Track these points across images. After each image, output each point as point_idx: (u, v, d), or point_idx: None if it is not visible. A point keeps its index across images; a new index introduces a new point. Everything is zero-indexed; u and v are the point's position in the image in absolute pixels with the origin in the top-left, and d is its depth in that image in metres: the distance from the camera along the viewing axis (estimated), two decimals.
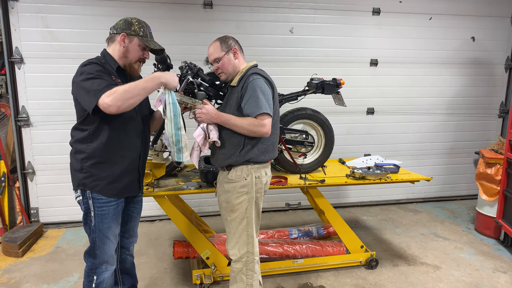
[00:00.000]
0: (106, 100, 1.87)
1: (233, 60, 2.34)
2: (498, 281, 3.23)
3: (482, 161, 4.08)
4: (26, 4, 3.86)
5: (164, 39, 4.15)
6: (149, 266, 3.44)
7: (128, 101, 1.92)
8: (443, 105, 5.07)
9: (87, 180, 2.09)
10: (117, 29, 2.15)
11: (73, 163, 2.15)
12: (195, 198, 4.52)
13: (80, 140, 2.09)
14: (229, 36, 2.39)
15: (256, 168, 2.33)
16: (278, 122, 2.43)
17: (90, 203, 2.11)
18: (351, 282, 3.18)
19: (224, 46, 2.32)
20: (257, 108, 2.18)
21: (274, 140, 2.40)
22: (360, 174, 3.14)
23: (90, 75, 1.96)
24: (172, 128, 2.17)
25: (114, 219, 2.19)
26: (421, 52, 4.84)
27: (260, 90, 2.21)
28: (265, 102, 2.20)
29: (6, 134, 4.13)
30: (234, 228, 2.37)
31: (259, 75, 2.27)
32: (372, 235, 4.12)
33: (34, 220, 4.26)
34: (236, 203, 2.33)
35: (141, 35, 2.15)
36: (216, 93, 2.74)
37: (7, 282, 3.16)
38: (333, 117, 3.78)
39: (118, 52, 2.14)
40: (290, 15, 4.44)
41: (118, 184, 2.16)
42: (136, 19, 2.17)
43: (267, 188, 2.44)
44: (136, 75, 2.25)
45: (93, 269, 2.19)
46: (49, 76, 4.00)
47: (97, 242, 2.15)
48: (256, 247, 2.41)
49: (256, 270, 2.42)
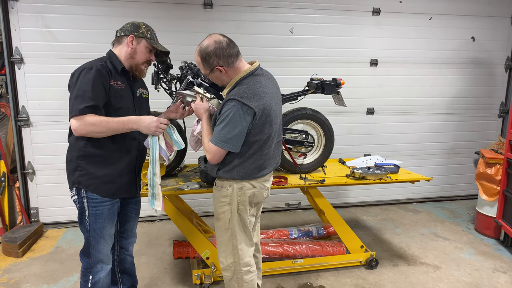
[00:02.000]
0: (73, 123, 2.00)
1: (221, 76, 2.14)
2: (498, 281, 3.23)
3: (482, 161, 4.08)
4: (26, 4, 3.86)
5: (164, 39, 4.14)
6: (149, 266, 3.44)
7: (92, 133, 2.03)
8: (443, 105, 5.07)
9: (82, 178, 2.11)
10: (125, 31, 2.19)
11: (69, 160, 2.16)
12: (195, 198, 4.52)
13: (78, 137, 2.09)
14: (211, 52, 2.06)
15: (239, 180, 2.17)
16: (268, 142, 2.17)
17: (85, 202, 2.13)
18: (351, 282, 3.18)
19: (206, 65, 2.11)
20: (213, 137, 2.06)
21: (261, 162, 2.18)
22: (360, 174, 3.14)
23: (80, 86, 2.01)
24: (150, 172, 2.25)
25: (109, 219, 2.19)
26: (421, 52, 4.84)
27: (226, 120, 2.00)
28: (224, 135, 2.00)
29: (6, 134, 4.13)
30: (220, 236, 2.30)
31: (236, 100, 2.00)
32: (372, 235, 4.12)
33: (34, 220, 4.26)
34: (219, 212, 2.25)
35: (148, 37, 2.22)
36: (216, 93, 2.73)
37: (7, 282, 3.16)
38: (333, 117, 3.78)
39: (125, 53, 2.19)
40: (290, 15, 4.44)
41: (114, 185, 2.18)
42: (143, 23, 2.24)
43: (258, 200, 2.27)
44: (143, 76, 2.32)
45: (89, 269, 2.20)
46: (49, 76, 4.00)
47: (92, 241, 2.17)
48: (246, 257, 2.28)
49: (247, 279, 2.31)
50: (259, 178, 2.23)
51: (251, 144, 2.12)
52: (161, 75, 2.66)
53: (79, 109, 1.97)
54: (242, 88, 2.06)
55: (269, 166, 2.26)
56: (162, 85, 2.72)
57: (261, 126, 2.10)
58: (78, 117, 1.98)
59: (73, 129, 2.01)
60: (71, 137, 2.16)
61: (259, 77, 2.15)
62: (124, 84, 2.18)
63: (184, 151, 3.07)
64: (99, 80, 2.03)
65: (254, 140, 2.11)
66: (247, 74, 2.12)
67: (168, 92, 2.75)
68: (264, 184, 2.27)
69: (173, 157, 3.06)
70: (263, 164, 2.20)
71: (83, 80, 2.01)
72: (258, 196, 2.26)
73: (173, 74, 2.72)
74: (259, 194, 2.25)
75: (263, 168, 2.22)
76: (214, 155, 2.09)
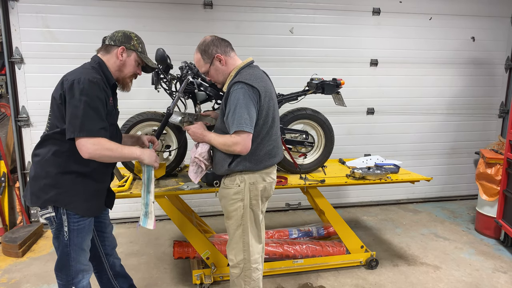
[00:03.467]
0: (88, 145, 1.85)
1: (221, 67, 2.22)
2: (498, 281, 3.23)
3: (482, 161, 4.08)
4: (26, 4, 3.86)
5: (164, 39, 4.19)
6: (149, 266, 3.44)
7: (104, 158, 1.93)
8: (443, 105, 5.07)
9: (62, 196, 1.95)
10: (115, 41, 2.06)
11: (42, 176, 1.95)
12: (195, 198, 4.52)
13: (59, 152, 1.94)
14: (209, 42, 2.20)
15: (250, 175, 2.22)
16: (274, 128, 2.27)
17: (64, 218, 1.98)
18: (351, 282, 3.18)
19: (206, 57, 2.20)
20: (233, 125, 2.07)
21: (270, 148, 2.26)
22: (360, 174, 3.14)
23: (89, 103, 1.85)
24: (144, 191, 2.24)
25: (89, 231, 2.11)
26: (421, 52, 4.84)
27: (239, 103, 2.05)
28: (242, 117, 2.04)
29: (6, 134, 4.13)
30: (231, 234, 2.33)
31: (242, 83, 2.09)
32: (372, 235, 4.12)
33: (34, 220, 4.26)
34: (230, 210, 2.27)
35: (139, 51, 2.11)
36: (216, 93, 2.74)
37: (7, 282, 3.16)
38: (333, 117, 3.78)
39: (113, 64, 2.07)
40: (290, 15, 4.44)
41: (94, 203, 2.09)
42: (134, 33, 2.13)
43: (268, 194, 2.34)
44: (127, 90, 2.20)
45: (70, 281, 2.08)
46: (49, 76, 4.00)
47: (72, 254, 2.04)
48: (255, 254, 2.32)
49: (254, 277, 2.35)
50: (269, 169, 2.29)
51: (261, 127, 2.18)
52: (161, 75, 2.66)
53: (95, 130, 1.85)
54: (244, 74, 2.16)
55: (277, 155, 2.33)
56: (162, 85, 2.72)
57: (267, 108, 2.18)
58: (93, 139, 1.86)
59: (84, 151, 1.85)
60: (43, 149, 1.97)
61: (256, 68, 2.28)
62: (111, 97, 2.05)
63: (184, 151, 3.07)
64: (103, 96, 1.92)
65: (262, 123, 2.17)
66: (244, 66, 2.24)
67: (168, 92, 2.75)
68: (272, 177, 2.34)
69: (173, 157, 3.06)
70: (272, 150, 2.27)
71: (89, 93, 1.86)
72: (269, 190, 2.32)
73: (173, 74, 2.72)
74: (269, 188, 2.32)
75: (273, 155, 2.29)
76: (245, 142, 2.09)
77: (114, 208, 2.38)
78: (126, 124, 2.87)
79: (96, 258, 2.36)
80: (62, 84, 1.91)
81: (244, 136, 2.07)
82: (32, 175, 2.00)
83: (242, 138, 2.07)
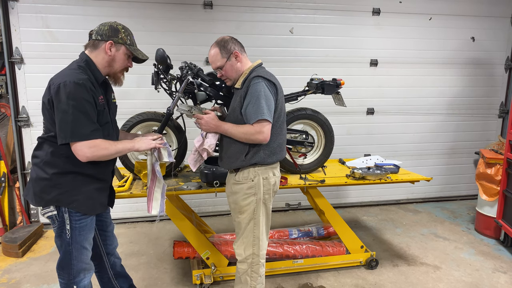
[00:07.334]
0: (83, 149, 1.86)
1: (236, 64, 2.29)
2: (498, 281, 3.23)
3: (482, 161, 4.08)
4: (26, 4, 3.86)
5: (164, 39, 4.19)
6: (149, 266, 3.44)
7: (102, 157, 1.94)
8: (443, 105, 5.07)
9: (63, 196, 1.96)
10: (102, 35, 2.00)
11: (42, 177, 1.96)
12: (195, 198, 4.52)
13: (57, 154, 1.94)
14: (228, 39, 2.29)
15: (263, 169, 2.30)
16: (284, 123, 2.38)
17: (66, 216, 1.99)
18: (351, 282, 3.18)
19: (224, 52, 2.26)
20: (255, 114, 2.14)
21: (281, 141, 2.36)
22: (360, 174, 3.14)
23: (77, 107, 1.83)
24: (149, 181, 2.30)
25: (91, 229, 2.11)
26: (421, 52, 4.84)
27: (260, 95, 2.14)
28: (264, 107, 2.14)
29: (6, 134, 4.13)
30: (242, 229, 2.36)
31: (261, 77, 2.19)
32: (372, 235, 4.12)
33: (34, 221, 4.26)
34: (243, 205, 2.32)
35: (128, 43, 2.05)
36: (216, 93, 2.74)
37: (7, 282, 3.16)
38: (333, 117, 3.78)
39: (102, 60, 2.02)
40: (290, 15, 4.44)
41: (95, 201, 2.08)
42: (121, 25, 2.07)
43: (276, 189, 2.41)
44: (119, 85, 2.16)
45: (71, 280, 2.09)
46: (49, 76, 3.85)
47: (74, 253, 2.04)
48: (263, 249, 2.38)
49: (261, 273, 2.39)
50: (276, 164, 2.37)
51: (276, 120, 2.27)
52: (161, 75, 2.66)
53: (87, 133, 1.86)
54: (259, 71, 2.26)
55: (284, 150, 2.42)
56: (162, 85, 2.72)
57: (281, 103, 2.30)
58: (88, 142, 1.86)
59: (82, 155, 1.87)
60: (41, 151, 1.98)
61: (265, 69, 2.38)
62: (102, 95, 2.02)
63: (184, 151, 3.07)
64: (91, 97, 1.89)
65: (277, 116, 2.27)
66: (256, 66, 2.34)
67: (168, 93, 2.74)
68: (279, 172, 2.44)
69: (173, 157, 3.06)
70: (282, 144, 2.38)
71: (76, 97, 1.83)
72: (276, 185, 2.41)
73: (173, 75, 2.72)
74: (278, 182, 2.42)
75: (282, 148, 2.39)
76: (267, 130, 2.18)
77: (114, 208, 2.39)
78: (126, 124, 2.87)
79: (98, 257, 2.37)
80: (49, 88, 1.91)
81: (266, 125, 2.17)
82: (33, 176, 2.01)
83: (266, 128, 2.17)
